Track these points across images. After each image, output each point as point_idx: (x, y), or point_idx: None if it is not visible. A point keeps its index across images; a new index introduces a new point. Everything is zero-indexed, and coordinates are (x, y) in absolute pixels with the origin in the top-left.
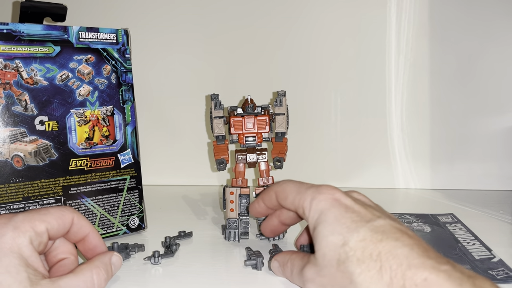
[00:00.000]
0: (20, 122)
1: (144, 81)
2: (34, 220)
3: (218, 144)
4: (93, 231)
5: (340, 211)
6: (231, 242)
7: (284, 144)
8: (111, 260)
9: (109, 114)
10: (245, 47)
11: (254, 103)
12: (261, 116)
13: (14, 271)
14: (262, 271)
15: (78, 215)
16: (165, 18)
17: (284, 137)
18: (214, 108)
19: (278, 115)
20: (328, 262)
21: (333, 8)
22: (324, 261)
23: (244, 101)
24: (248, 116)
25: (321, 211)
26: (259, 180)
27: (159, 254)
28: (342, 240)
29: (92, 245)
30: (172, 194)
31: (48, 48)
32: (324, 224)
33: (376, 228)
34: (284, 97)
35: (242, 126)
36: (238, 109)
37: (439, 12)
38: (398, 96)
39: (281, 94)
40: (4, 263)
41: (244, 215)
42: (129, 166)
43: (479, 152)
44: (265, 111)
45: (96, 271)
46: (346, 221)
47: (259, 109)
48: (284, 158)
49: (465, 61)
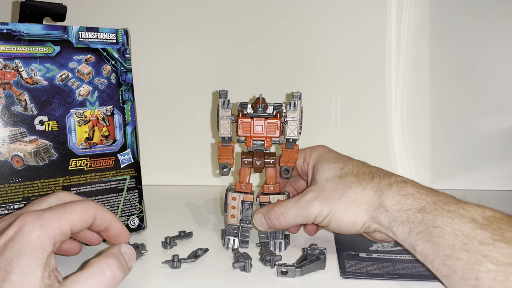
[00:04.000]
0: (19, 122)
1: (144, 81)
2: (61, 220)
3: (223, 146)
4: (114, 220)
5: (336, 153)
6: None
7: (295, 151)
8: (121, 251)
9: (109, 114)
10: (245, 47)
11: (266, 103)
12: (272, 119)
13: (29, 271)
14: (251, 273)
15: (100, 209)
16: (165, 18)
17: (295, 144)
18: (222, 107)
19: (291, 120)
20: (331, 180)
21: (333, 8)
22: (327, 180)
23: (255, 100)
24: (258, 118)
25: (321, 154)
26: (264, 186)
27: (179, 258)
28: (341, 165)
29: (116, 233)
30: (172, 194)
31: (48, 48)
32: (325, 160)
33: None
34: (299, 100)
35: (250, 129)
36: (248, 107)
37: (439, 12)
38: (398, 96)
39: (296, 96)
40: (22, 262)
41: (245, 223)
42: (129, 166)
43: (479, 152)
44: (277, 113)
45: (106, 261)
46: (342, 158)
47: (270, 109)
48: (293, 167)
49: (465, 61)
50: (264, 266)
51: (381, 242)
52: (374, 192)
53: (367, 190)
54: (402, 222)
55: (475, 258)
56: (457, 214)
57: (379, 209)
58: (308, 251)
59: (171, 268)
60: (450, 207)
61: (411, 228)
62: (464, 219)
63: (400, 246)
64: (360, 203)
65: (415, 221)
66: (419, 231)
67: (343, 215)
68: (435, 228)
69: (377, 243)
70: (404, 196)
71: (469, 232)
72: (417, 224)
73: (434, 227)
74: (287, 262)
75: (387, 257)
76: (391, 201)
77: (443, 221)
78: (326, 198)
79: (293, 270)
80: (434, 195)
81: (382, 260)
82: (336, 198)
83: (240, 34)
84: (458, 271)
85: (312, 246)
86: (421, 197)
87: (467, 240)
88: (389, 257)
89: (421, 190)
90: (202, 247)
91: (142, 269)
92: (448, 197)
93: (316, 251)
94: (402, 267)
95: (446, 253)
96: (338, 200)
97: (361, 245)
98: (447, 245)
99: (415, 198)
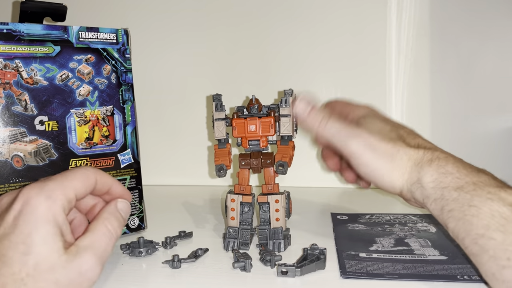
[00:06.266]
0: (20, 122)
1: (144, 81)
2: (64, 188)
3: (219, 148)
4: (115, 182)
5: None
6: None
7: (290, 148)
8: (118, 207)
9: (109, 114)
10: (245, 47)
11: (259, 104)
12: (265, 118)
13: (51, 241)
14: (251, 273)
15: (99, 174)
16: (165, 18)
17: (290, 141)
18: (216, 109)
19: (283, 117)
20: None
21: (334, 8)
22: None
23: (249, 101)
24: (251, 118)
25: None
26: (263, 186)
27: (179, 258)
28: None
29: (118, 195)
30: (172, 194)
31: (48, 48)
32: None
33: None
34: (291, 96)
35: (244, 129)
36: (244, 110)
37: (439, 12)
38: (399, 96)
39: (287, 93)
40: (41, 234)
41: (245, 224)
42: (129, 166)
43: (479, 152)
44: (271, 112)
45: (107, 222)
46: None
47: (265, 110)
48: (288, 162)
49: (465, 61)
50: (264, 266)
51: None
52: (416, 166)
53: (411, 161)
54: (436, 199)
55: (511, 240)
56: (497, 196)
57: (415, 184)
58: (308, 251)
59: (171, 268)
60: (490, 189)
61: (444, 205)
62: (504, 201)
63: (402, 245)
64: (402, 172)
65: (449, 198)
66: (451, 208)
67: (384, 175)
68: (470, 207)
69: (377, 243)
70: (443, 174)
71: (508, 214)
72: (450, 201)
73: (469, 206)
74: (287, 262)
75: (387, 257)
76: (429, 178)
77: (481, 201)
78: (376, 148)
79: (293, 270)
80: (475, 176)
81: (382, 260)
82: (385, 154)
83: (241, 34)
84: (490, 251)
85: (312, 246)
86: (461, 176)
87: (505, 222)
88: (389, 257)
89: (462, 170)
90: (202, 247)
91: (142, 269)
92: (490, 178)
93: (316, 251)
94: (402, 267)
95: (479, 232)
96: (385, 157)
97: (361, 245)
98: (481, 225)
99: (453, 177)
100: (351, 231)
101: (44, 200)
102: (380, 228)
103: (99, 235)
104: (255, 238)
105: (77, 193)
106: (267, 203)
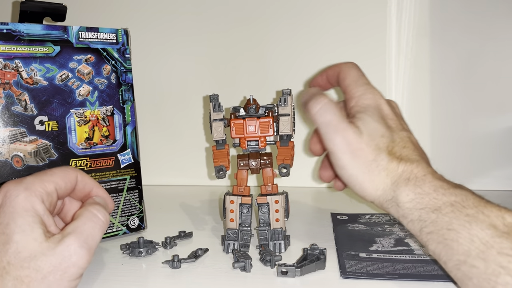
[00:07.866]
0: (19, 122)
1: (144, 81)
2: (43, 181)
3: (217, 149)
4: (96, 186)
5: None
6: None
7: (290, 148)
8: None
9: (109, 114)
10: (245, 47)
11: (257, 104)
12: (264, 118)
13: (29, 229)
14: (251, 273)
15: (81, 173)
16: (165, 18)
17: (290, 141)
18: (213, 110)
19: (282, 116)
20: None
21: (333, 8)
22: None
23: (246, 102)
24: (250, 118)
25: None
26: (262, 187)
27: (179, 258)
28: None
29: None
30: (172, 194)
31: (47, 48)
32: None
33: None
34: (289, 96)
35: (243, 130)
36: (240, 110)
37: (439, 12)
38: (398, 96)
39: (286, 93)
40: (19, 223)
41: (245, 226)
42: (129, 166)
43: (479, 152)
44: (269, 112)
45: (91, 207)
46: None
47: (263, 110)
48: (290, 164)
49: (465, 61)
50: (264, 266)
51: None
52: (392, 184)
53: (388, 177)
54: (413, 220)
55: (492, 269)
56: (476, 218)
57: (390, 202)
58: (308, 251)
59: (171, 268)
60: (468, 211)
61: (422, 227)
62: (483, 224)
63: (402, 245)
64: (377, 187)
65: (427, 220)
66: (430, 231)
67: (358, 184)
68: (449, 231)
69: (377, 243)
70: (420, 195)
71: (487, 239)
72: (429, 224)
73: (448, 230)
74: (287, 262)
75: (387, 257)
76: (405, 197)
77: (459, 224)
78: (357, 155)
79: (293, 270)
80: (452, 195)
81: (382, 260)
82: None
83: (240, 34)
84: (473, 279)
85: (312, 246)
86: (438, 196)
87: (485, 248)
88: (389, 257)
89: (439, 189)
90: (202, 247)
91: (142, 269)
92: (468, 198)
93: (316, 251)
94: (402, 267)
95: (460, 259)
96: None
97: (361, 245)
98: (462, 251)
99: (431, 197)
100: (351, 231)
101: (22, 191)
102: (380, 228)
103: (83, 220)
104: (254, 239)
105: (57, 187)
106: (267, 204)
